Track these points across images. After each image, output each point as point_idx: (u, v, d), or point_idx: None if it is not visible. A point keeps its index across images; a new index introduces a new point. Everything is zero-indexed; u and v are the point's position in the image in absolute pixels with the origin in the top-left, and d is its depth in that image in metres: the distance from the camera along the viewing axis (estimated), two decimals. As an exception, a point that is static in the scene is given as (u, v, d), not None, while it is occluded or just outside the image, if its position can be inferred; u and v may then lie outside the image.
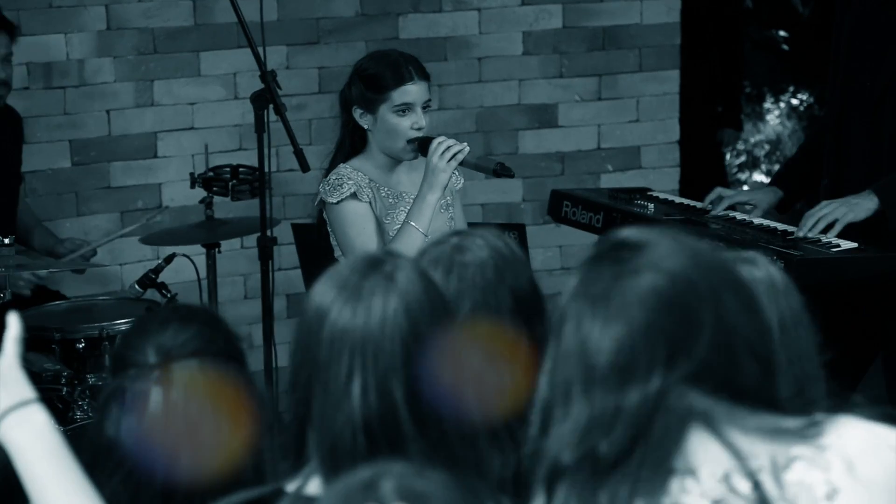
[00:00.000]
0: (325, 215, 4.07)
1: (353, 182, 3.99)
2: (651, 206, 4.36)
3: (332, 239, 4.09)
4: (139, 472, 2.21)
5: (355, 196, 3.98)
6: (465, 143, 3.96)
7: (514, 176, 4.03)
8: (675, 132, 6.15)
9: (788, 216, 4.50)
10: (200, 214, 4.88)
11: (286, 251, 5.25)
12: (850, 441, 1.88)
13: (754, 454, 1.88)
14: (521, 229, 4.76)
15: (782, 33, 9.63)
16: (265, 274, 4.30)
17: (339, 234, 4.01)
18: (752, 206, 4.39)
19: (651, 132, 6.10)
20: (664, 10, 6.06)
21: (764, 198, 4.42)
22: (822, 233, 4.01)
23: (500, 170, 3.94)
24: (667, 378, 1.87)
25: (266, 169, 4.22)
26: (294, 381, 2.10)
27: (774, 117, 9.63)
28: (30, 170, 5.33)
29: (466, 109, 5.93)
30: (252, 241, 4.64)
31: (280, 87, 4.24)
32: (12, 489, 2.11)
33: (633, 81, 6.05)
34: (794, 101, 9.59)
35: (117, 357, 2.31)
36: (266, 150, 4.19)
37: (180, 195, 5.55)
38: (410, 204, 3.98)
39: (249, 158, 4.88)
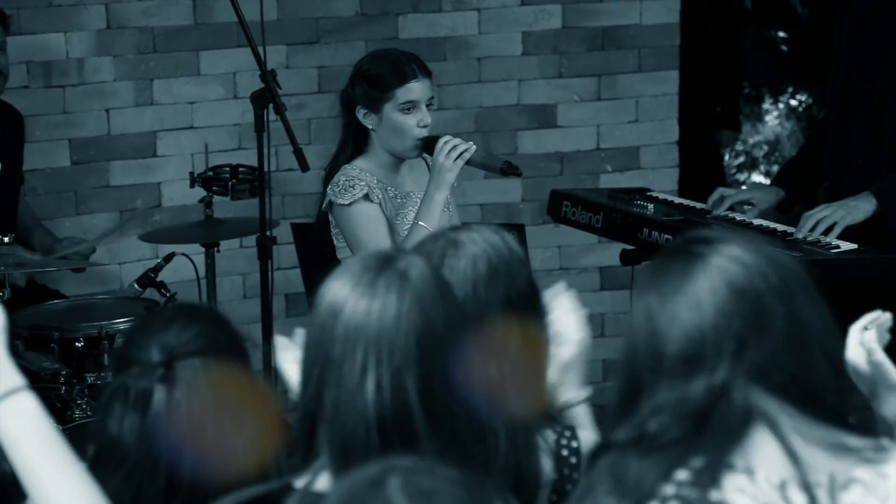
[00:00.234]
0: (333, 217, 4.05)
1: (364, 183, 3.98)
2: (650, 206, 4.36)
3: (336, 240, 4.07)
4: (142, 469, 2.21)
5: (367, 197, 3.97)
6: (472, 142, 3.95)
7: (522, 174, 4.02)
8: (675, 133, 6.14)
9: (788, 217, 4.51)
10: (200, 214, 4.88)
11: (285, 251, 5.25)
12: None
13: (815, 467, 1.86)
14: (520, 229, 4.75)
15: (781, 34, 9.62)
16: (264, 273, 4.29)
17: (350, 235, 3.99)
18: (751, 206, 4.39)
19: (650, 133, 6.10)
20: (663, 11, 6.05)
21: (765, 197, 4.42)
22: (822, 235, 4.01)
23: (507, 168, 3.94)
24: (733, 370, 1.86)
25: (265, 168, 4.22)
26: (306, 376, 2.10)
27: (773, 118, 9.61)
28: (29, 168, 5.32)
29: (466, 109, 5.93)
30: (251, 241, 4.63)
31: (280, 87, 4.24)
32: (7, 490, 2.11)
33: (632, 82, 6.05)
34: (793, 102, 9.58)
35: (120, 355, 2.31)
36: (266, 150, 4.19)
37: (179, 194, 5.55)
38: (418, 203, 3.97)
39: (249, 158, 4.87)
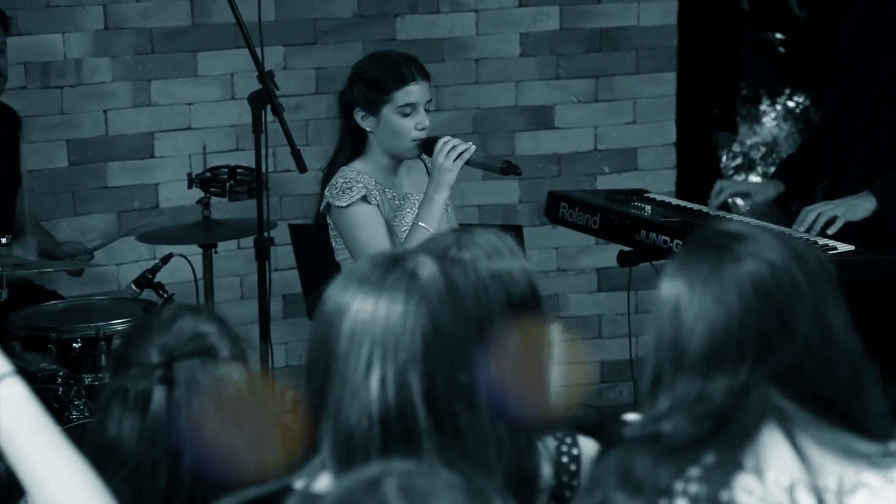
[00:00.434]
0: (331, 219, 4.04)
1: (362, 185, 3.97)
2: (648, 207, 4.35)
3: (334, 242, 4.07)
4: (141, 471, 2.21)
5: (365, 199, 3.96)
6: (471, 143, 3.95)
7: (522, 174, 4.01)
8: (672, 134, 6.15)
9: (785, 214, 4.51)
10: (197, 215, 4.88)
11: (283, 252, 5.25)
12: None
13: (824, 471, 1.85)
14: (517, 230, 4.75)
15: (779, 35, 9.62)
16: (262, 274, 4.29)
17: (349, 237, 3.98)
18: (747, 198, 4.41)
19: (648, 134, 6.10)
20: (661, 12, 6.06)
21: (764, 190, 4.43)
22: (822, 230, 4.02)
23: (507, 168, 3.93)
24: (755, 372, 1.85)
25: (263, 169, 4.21)
26: (310, 371, 2.10)
27: (770, 119, 9.61)
28: (27, 169, 5.32)
29: (463, 111, 5.93)
30: (249, 242, 4.64)
31: (277, 88, 4.24)
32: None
33: (629, 83, 6.05)
34: (791, 104, 9.58)
35: (119, 356, 2.31)
36: (263, 151, 4.19)
37: (177, 195, 5.54)
38: (416, 205, 3.97)
39: (246, 159, 4.87)
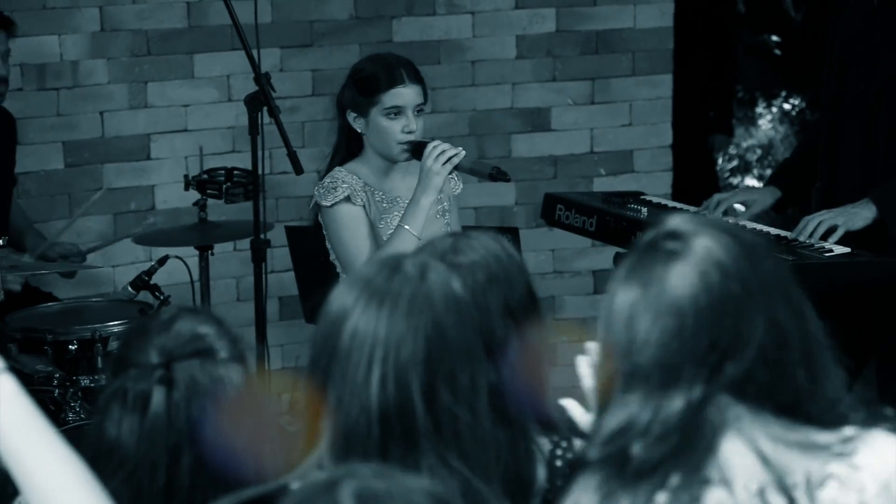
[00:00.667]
0: (320, 218, 4.06)
1: (347, 185, 3.98)
2: (644, 209, 4.36)
3: (328, 243, 4.08)
4: (141, 472, 2.21)
5: (349, 199, 3.97)
6: (461, 147, 3.94)
7: (511, 180, 4.01)
8: (668, 136, 6.15)
9: (782, 218, 4.51)
10: (193, 217, 4.88)
11: (279, 254, 5.25)
12: (885, 461, 1.86)
13: (791, 469, 1.84)
14: (514, 233, 4.76)
15: (775, 38, 9.63)
16: (258, 276, 4.29)
17: (333, 237, 4.00)
18: (746, 207, 4.40)
19: (644, 136, 6.10)
20: (657, 15, 6.06)
21: (761, 198, 4.43)
22: (822, 239, 4.01)
23: (496, 174, 3.92)
24: (710, 384, 1.83)
25: (259, 171, 4.22)
26: (312, 369, 2.11)
27: (766, 122, 9.62)
28: (22, 171, 5.32)
29: (459, 113, 5.93)
30: (245, 244, 4.63)
31: (274, 90, 4.24)
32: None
33: (626, 85, 6.06)
34: (787, 106, 9.59)
35: (118, 357, 2.30)
36: (260, 153, 4.19)
37: (173, 197, 5.54)
38: (404, 209, 3.97)
39: (243, 161, 4.88)
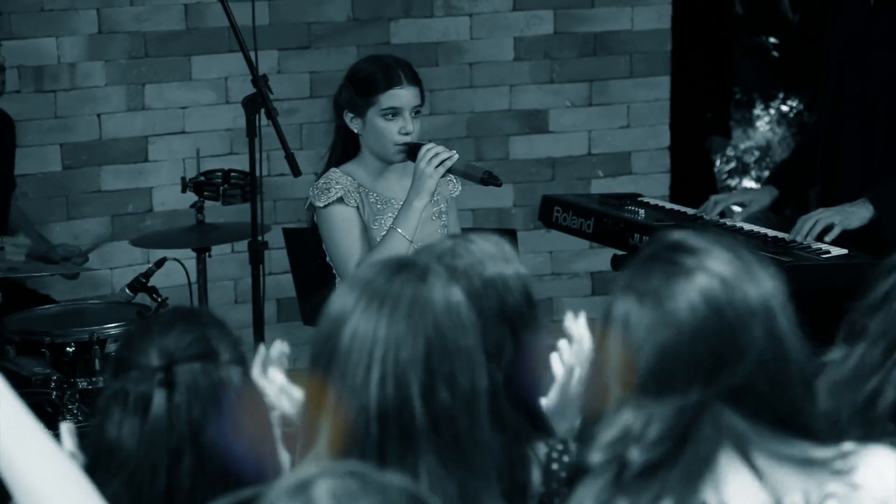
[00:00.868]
0: (315, 219, 4.07)
1: (340, 186, 3.99)
2: (642, 211, 4.36)
3: (324, 243, 4.09)
4: (141, 474, 2.21)
5: (342, 200, 3.98)
6: (454, 151, 3.95)
7: (502, 185, 4.01)
8: (666, 138, 6.16)
9: (779, 219, 4.52)
10: (191, 219, 4.88)
11: (277, 256, 5.25)
12: (885, 480, 1.85)
13: (788, 488, 1.83)
14: (512, 234, 4.76)
15: (772, 40, 9.64)
16: (256, 278, 4.29)
17: (326, 237, 4.01)
18: (743, 208, 4.41)
19: (641, 138, 6.11)
20: (655, 17, 6.07)
21: (759, 198, 4.43)
22: (818, 238, 4.02)
23: (488, 178, 3.92)
24: (706, 392, 1.82)
25: (257, 173, 4.22)
26: (312, 369, 2.11)
27: (764, 124, 9.63)
28: (20, 173, 5.32)
29: (457, 115, 5.94)
30: (242, 246, 4.63)
31: (271, 92, 4.23)
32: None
33: (623, 87, 6.06)
34: (784, 108, 9.59)
35: (119, 359, 2.30)
36: (257, 155, 4.19)
37: (171, 199, 5.55)
38: (398, 210, 3.98)
39: (240, 163, 4.88)
